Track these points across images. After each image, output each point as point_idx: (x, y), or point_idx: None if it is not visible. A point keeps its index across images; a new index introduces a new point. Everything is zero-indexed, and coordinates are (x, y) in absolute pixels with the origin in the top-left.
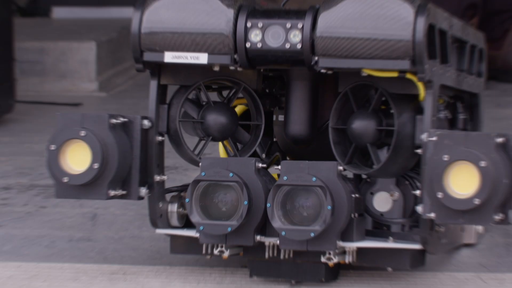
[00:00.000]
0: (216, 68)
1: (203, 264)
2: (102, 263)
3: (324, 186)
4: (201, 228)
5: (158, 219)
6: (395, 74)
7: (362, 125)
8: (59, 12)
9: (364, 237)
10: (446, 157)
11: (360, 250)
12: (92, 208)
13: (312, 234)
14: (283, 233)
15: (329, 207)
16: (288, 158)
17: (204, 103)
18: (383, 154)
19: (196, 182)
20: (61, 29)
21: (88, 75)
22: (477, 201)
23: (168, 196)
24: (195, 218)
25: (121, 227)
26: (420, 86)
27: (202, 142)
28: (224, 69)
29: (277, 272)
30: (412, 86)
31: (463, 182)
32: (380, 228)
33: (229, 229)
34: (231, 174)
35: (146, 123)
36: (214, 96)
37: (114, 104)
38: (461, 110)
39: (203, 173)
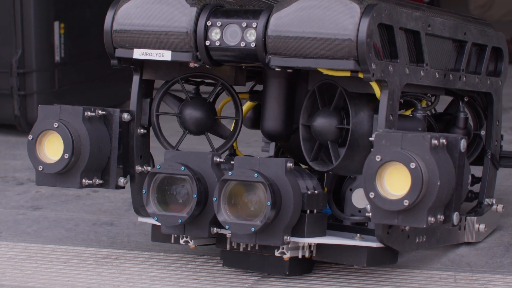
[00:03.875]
0: (191, 65)
1: (197, 253)
2: (106, 247)
3: (265, 182)
4: (155, 219)
5: (141, 208)
6: (347, 74)
7: (323, 123)
8: None
9: (324, 232)
10: (378, 158)
11: (319, 246)
12: None
13: (253, 229)
14: (227, 226)
15: (269, 203)
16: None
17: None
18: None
19: (152, 174)
20: None
21: None
22: (406, 202)
23: None
24: (150, 209)
25: None
26: (375, 86)
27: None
28: (202, 65)
29: (246, 264)
30: (370, 86)
31: (397, 183)
32: (361, 224)
33: (180, 220)
34: (182, 168)
35: (125, 116)
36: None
37: None
38: (462, 109)
39: (158, 166)
